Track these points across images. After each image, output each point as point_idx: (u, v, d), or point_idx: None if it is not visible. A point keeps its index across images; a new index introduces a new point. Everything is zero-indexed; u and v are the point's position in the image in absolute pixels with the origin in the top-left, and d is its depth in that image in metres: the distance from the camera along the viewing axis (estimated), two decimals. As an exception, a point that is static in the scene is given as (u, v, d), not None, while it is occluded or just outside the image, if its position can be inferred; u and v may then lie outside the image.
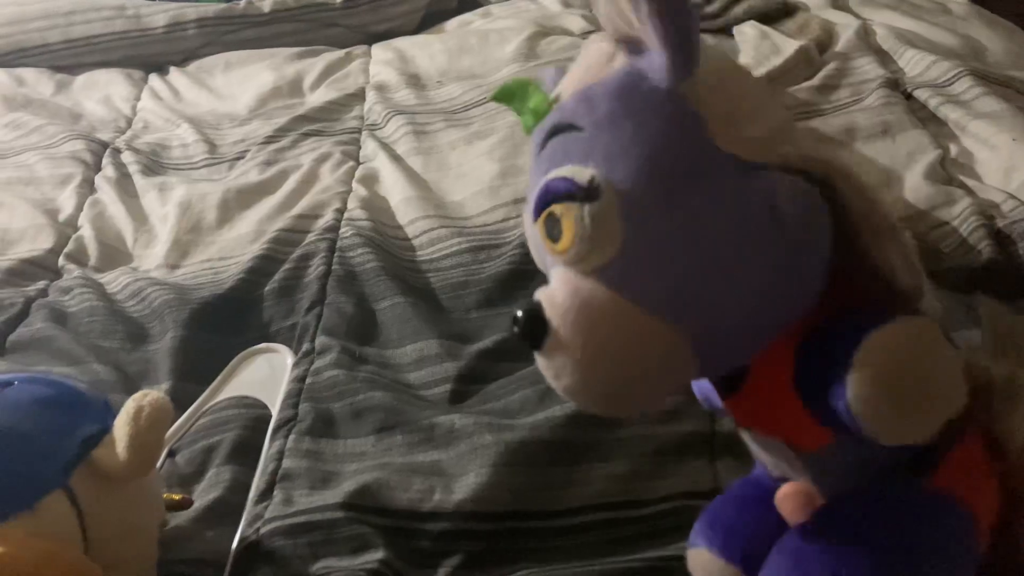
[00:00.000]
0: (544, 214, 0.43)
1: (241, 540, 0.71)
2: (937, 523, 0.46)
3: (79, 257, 1.08)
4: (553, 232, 0.43)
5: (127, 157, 1.25)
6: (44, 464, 0.60)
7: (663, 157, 0.42)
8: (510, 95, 0.47)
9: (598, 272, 0.43)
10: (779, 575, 0.47)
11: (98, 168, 1.24)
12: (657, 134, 0.42)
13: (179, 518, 0.74)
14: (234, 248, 1.06)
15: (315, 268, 0.97)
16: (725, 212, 0.42)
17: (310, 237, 1.02)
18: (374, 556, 0.66)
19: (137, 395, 0.64)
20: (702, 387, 0.51)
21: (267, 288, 0.97)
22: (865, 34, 1.30)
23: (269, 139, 1.24)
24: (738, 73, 0.47)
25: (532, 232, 0.46)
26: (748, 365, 0.46)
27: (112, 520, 0.62)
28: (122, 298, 1.00)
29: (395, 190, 1.09)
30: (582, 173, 0.42)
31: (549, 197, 0.43)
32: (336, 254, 0.99)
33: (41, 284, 1.04)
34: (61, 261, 1.08)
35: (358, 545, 0.67)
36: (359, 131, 1.25)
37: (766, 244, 0.42)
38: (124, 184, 1.21)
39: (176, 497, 0.74)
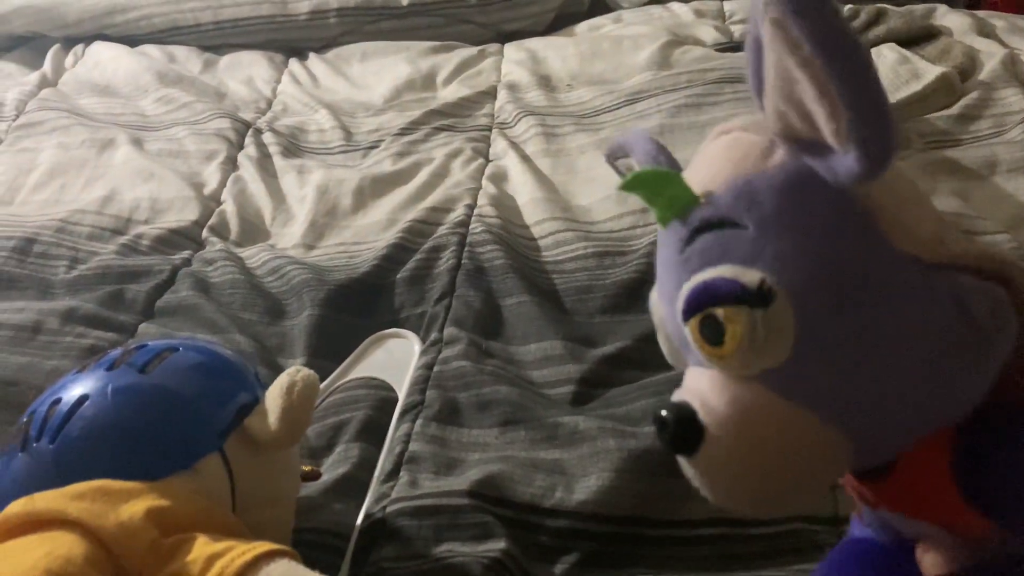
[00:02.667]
0: (701, 315, 0.42)
1: (367, 516, 0.74)
2: None
3: (221, 231, 1.14)
4: (713, 335, 0.41)
5: (268, 138, 1.31)
6: (203, 427, 0.64)
7: (841, 260, 0.41)
8: (644, 184, 0.44)
9: (762, 376, 0.41)
10: None
11: (241, 146, 1.30)
12: (834, 235, 0.41)
13: (308, 489, 0.77)
14: (367, 234, 1.10)
15: (446, 260, 1.00)
16: (909, 312, 0.41)
17: (441, 230, 1.06)
18: (496, 545, 0.68)
19: (291, 370, 0.68)
20: None
21: (399, 276, 1.01)
22: (1012, 64, 1.26)
23: (403, 131, 1.29)
24: (897, 171, 0.45)
25: (672, 326, 0.45)
26: (896, 457, 0.45)
27: (258, 486, 0.66)
28: (261, 273, 1.05)
29: (523, 190, 1.12)
30: (749, 275, 0.40)
31: (710, 299, 0.41)
32: (466, 248, 1.02)
33: (186, 254, 1.10)
34: (205, 233, 1.14)
35: (481, 533, 0.70)
36: (489, 129, 1.28)
37: (955, 341, 0.41)
38: (264, 164, 1.26)
39: (307, 468, 0.78)
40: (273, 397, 0.66)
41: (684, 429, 0.42)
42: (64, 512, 0.55)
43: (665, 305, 0.46)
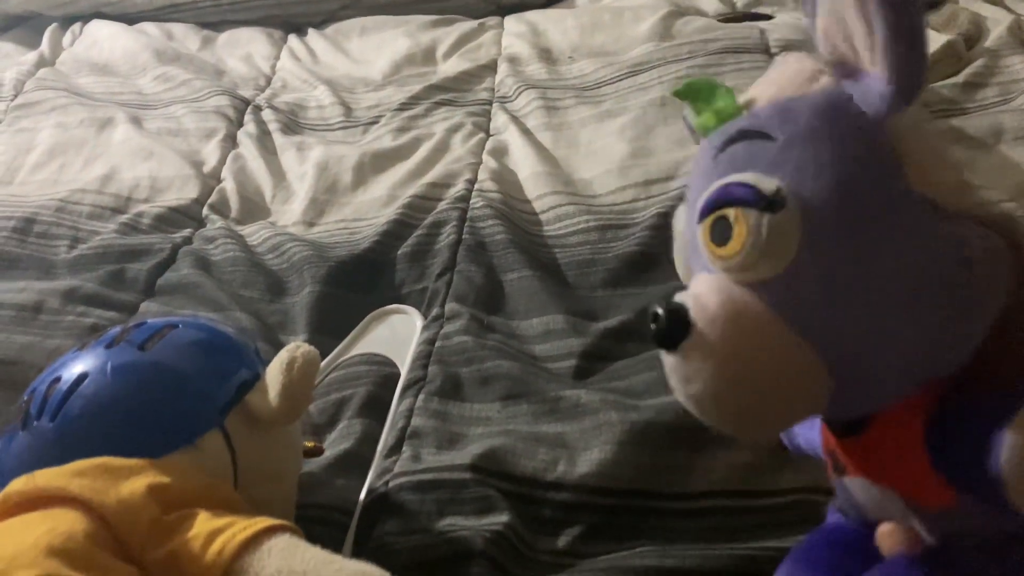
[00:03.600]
0: (714, 216, 0.42)
1: (370, 491, 0.74)
2: None
3: (222, 208, 1.14)
4: (721, 236, 0.42)
5: (267, 115, 1.31)
6: (204, 404, 0.64)
7: (859, 183, 0.41)
8: (695, 92, 0.46)
9: (758, 286, 0.42)
10: None
11: (240, 124, 1.29)
12: (857, 160, 0.41)
13: (311, 465, 0.77)
14: (368, 210, 1.09)
15: (446, 236, 1.00)
16: (912, 252, 0.41)
17: (442, 205, 1.05)
18: (499, 519, 0.68)
19: (290, 346, 0.67)
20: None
21: (400, 251, 1.00)
22: (1019, 30, 1.24)
23: (403, 106, 1.28)
24: (927, 119, 0.47)
25: (689, 233, 0.45)
26: (875, 412, 0.45)
27: (260, 462, 0.66)
28: (262, 251, 1.04)
29: (524, 164, 1.11)
30: (767, 182, 0.41)
31: (725, 200, 0.42)
32: (467, 223, 1.01)
33: (187, 232, 1.09)
34: (205, 211, 1.13)
35: (483, 507, 0.70)
36: (490, 103, 1.27)
37: (951, 289, 0.41)
38: (264, 141, 1.26)
39: (309, 444, 0.78)
40: (273, 373, 0.66)
41: (673, 323, 0.43)
42: (65, 489, 0.55)
43: (689, 212, 0.46)
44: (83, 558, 0.52)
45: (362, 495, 0.74)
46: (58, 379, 0.64)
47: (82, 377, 0.63)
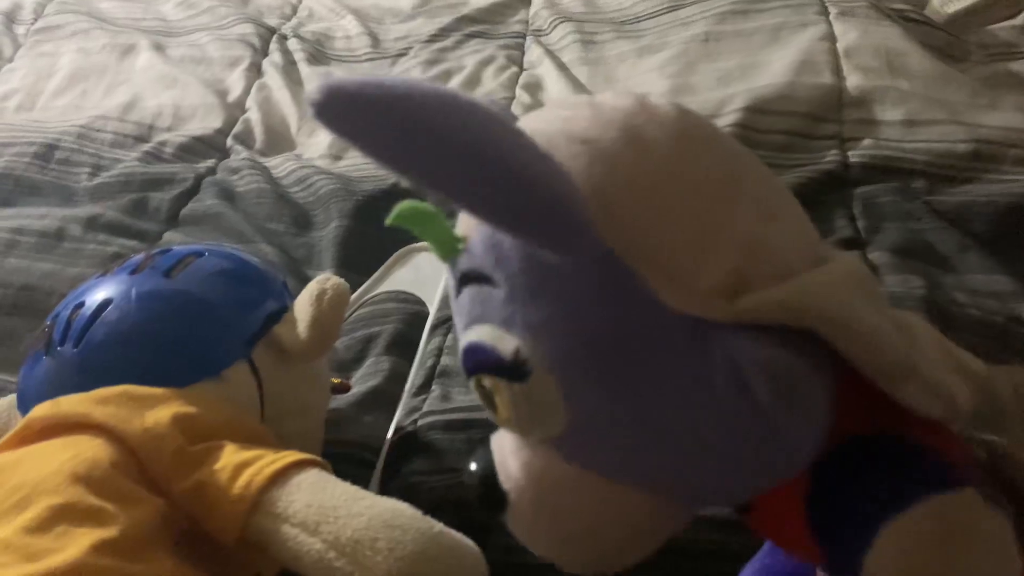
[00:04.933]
0: (474, 380, 0.38)
1: (397, 429, 0.73)
2: None
3: (246, 139, 1.11)
4: (489, 401, 0.38)
5: (293, 44, 1.27)
6: (231, 334, 0.62)
7: (595, 331, 0.35)
8: (410, 219, 0.39)
9: (552, 442, 0.38)
10: None
11: (265, 53, 1.26)
12: (585, 302, 0.35)
13: (338, 401, 0.76)
14: (395, 144, 1.06)
15: (478, 172, 0.96)
16: (680, 384, 0.35)
17: (473, 139, 1.01)
18: (531, 461, 0.66)
19: (320, 277, 0.65)
20: None
21: (429, 187, 0.97)
22: (1080, -29, 1.18)
23: (432, 38, 1.23)
24: (666, 169, 0.35)
25: None
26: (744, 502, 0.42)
27: (287, 396, 0.64)
28: (288, 183, 1.02)
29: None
30: (505, 343, 0.36)
31: (475, 367, 0.38)
32: (500, 159, 0.97)
33: (210, 162, 1.07)
34: (229, 142, 1.11)
35: (515, 448, 0.68)
36: (523, 36, 1.22)
37: (733, 426, 0.35)
38: (290, 71, 1.22)
39: (336, 381, 0.76)
40: (302, 305, 0.64)
41: (489, 491, 0.40)
42: (89, 416, 0.54)
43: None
44: (107, 486, 0.50)
45: (390, 433, 0.73)
46: (81, 304, 0.62)
47: (106, 303, 0.61)
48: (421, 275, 0.89)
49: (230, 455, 0.54)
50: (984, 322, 0.75)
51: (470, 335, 0.38)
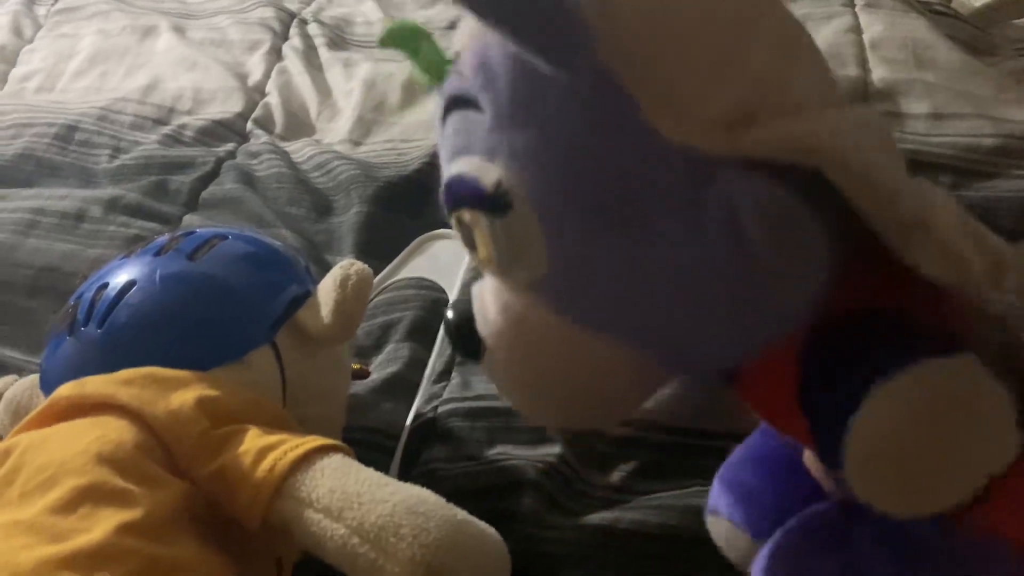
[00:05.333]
0: (454, 217, 0.36)
1: (417, 416, 0.73)
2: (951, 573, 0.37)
3: (266, 123, 1.11)
4: (469, 240, 0.35)
5: (313, 29, 1.26)
6: (255, 318, 0.62)
7: (585, 163, 0.32)
8: (399, 39, 0.36)
9: (532, 286, 0.35)
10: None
11: (285, 37, 1.25)
12: (570, 126, 0.31)
13: (357, 387, 0.76)
14: (416, 131, 1.06)
15: (499, 159, 0.96)
16: (670, 225, 0.32)
17: (494, 127, 1.01)
18: (551, 451, 0.66)
19: (344, 263, 0.65)
20: None
21: (449, 174, 0.97)
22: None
23: (454, 24, 1.22)
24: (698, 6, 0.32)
25: None
26: (733, 367, 0.39)
27: (309, 381, 0.64)
28: (307, 168, 1.01)
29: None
30: (487, 174, 0.33)
31: (455, 201, 0.35)
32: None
33: (230, 146, 1.06)
34: (249, 126, 1.10)
35: (536, 438, 0.67)
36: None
37: (724, 273, 0.33)
38: (310, 56, 1.22)
39: (355, 367, 0.76)
40: (326, 290, 0.63)
41: (464, 337, 0.38)
42: (114, 397, 0.54)
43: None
44: (132, 467, 0.50)
45: (409, 420, 0.73)
46: (105, 285, 0.62)
47: (130, 284, 0.61)
48: (441, 262, 0.88)
49: (254, 439, 0.53)
50: (1007, 315, 0.74)
51: (452, 168, 0.35)
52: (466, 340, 0.38)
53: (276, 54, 1.22)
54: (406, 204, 0.95)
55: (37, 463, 0.50)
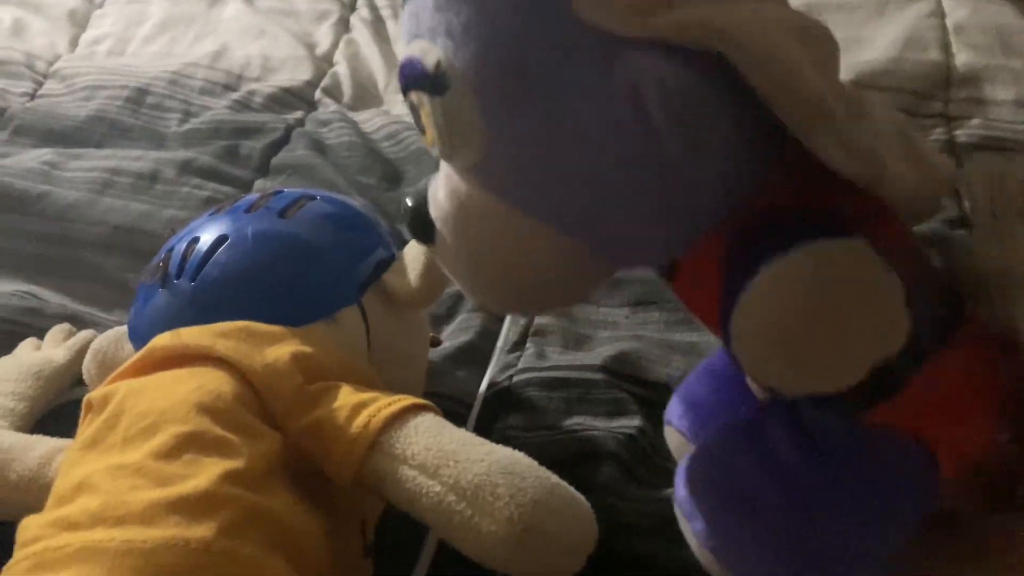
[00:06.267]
0: (408, 101, 0.38)
1: (491, 384, 0.73)
2: (860, 468, 0.38)
3: (334, 92, 1.11)
4: (416, 120, 0.38)
5: (380, 1, 1.26)
6: (344, 278, 0.62)
7: (513, 41, 0.34)
8: None
9: (473, 171, 0.37)
10: (681, 486, 0.43)
11: (353, 8, 1.26)
12: (507, 9, 0.34)
13: (430, 355, 0.76)
14: (485, 104, 1.05)
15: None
16: (585, 107, 0.34)
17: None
18: (631, 422, 0.66)
19: (431, 227, 0.65)
20: None
21: (521, 147, 0.96)
22: None
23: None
24: None
25: None
26: (671, 258, 0.41)
27: (393, 344, 0.64)
28: (377, 138, 1.02)
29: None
30: (429, 55, 0.35)
31: (405, 81, 0.37)
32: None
33: (299, 114, 1.07)
34: (317, 94, 1.11)
35: (614, 409, 0.67)
36: None
37: (635, 159, 0.34)
38: (377, 27, 1.22)
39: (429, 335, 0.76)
40: (414, 254, 0.63)
41: (418, 221, 0.40)
42: (212, 348, 0.54)
43: None
44: (231, 418, 0.51)
45: (482, 387, 0.73)
46: (196, 240, 0.62)
47: (221, 239, 0.61)
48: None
49: (347, 395, 0.54)
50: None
51: (407, 49, 0.37)
52: (419, 223, 0.40)
53: (344, 25, 1.22)
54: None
55: (138, 410, 0.51)
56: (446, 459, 0.50)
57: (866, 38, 1.02)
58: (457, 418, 0.71)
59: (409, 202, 0.41)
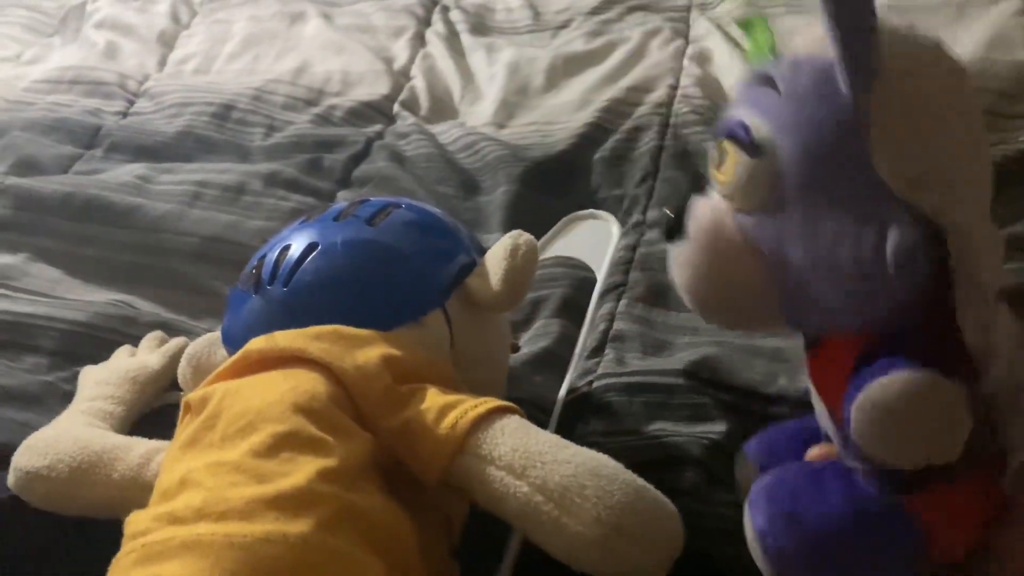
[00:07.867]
0: (720, 142, 0.49)
1: (571, 390, 0.73)
2: (882, 524, 0.50)
3: (412, 106, 1.13)
4: (719, 161, 0.49)
5: (455, 15, 1.28)
6: (429, 283, 0.64)
7: (825, 154, 0.46)
8: (751, 27, 0.52)
9: (738, 212, 0.49)
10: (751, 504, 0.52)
11: (428, 23, 1.28)
12: (829, 132, 0.46)
13: (509, 360, 0.77)
14: (559, 114, 1.06)
15: (647, 142, 0.96)
16: (844, 219, 0.45)
17: (641, 110, 1.01)
18: (715, 428, 0.66)
19: (513, 233, 0.66)
20: None
21: (596, 156, 0.97)
22: None
23: (595, 10, 1.23)
24: (926, 80, 0.46)
25: None
26: (823, 333, 0.51)
27: (475, 347, 0.65)
28: (454, 149, 1.03)
29: (731, 72, 1.05)
30: (760, 128, 0.47)
31: (728, 131, 0.48)
32: (669, 129, 0.97)
33: (378, 127, 1.09)
34: (396, 108, 1.13)
35: (696, 414, 0.67)
36: (688, 9, 1.21)
37: (862, 266, 0.45)
38: (452, 41, 1.24)
39: (508, 340, 0.77)
40: (496, 259, 0.64)
41: (672, 224, 0.51)
42: (305, 351, 0.56)
43: None
44: (325, 418, 0.52)
45: (562, 392, 0.73)
46: (288, 247, 0.64)
47: (312, 246, 0.63)
48: (588, 242, 0.89)
49: (435, 397, 0.55)
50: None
51: (739, 113, 0.49)
52: (676, 223, 0.51)
53: (420, 39, 1.25)
54: (552, 184, 0.96)
55: (235, 410, 0.53)
56: (533, 460, 0.51)
57: (949, 39, 1.00)
58: (536, 423, 0.71)
59: (672, 208, 0.52)
